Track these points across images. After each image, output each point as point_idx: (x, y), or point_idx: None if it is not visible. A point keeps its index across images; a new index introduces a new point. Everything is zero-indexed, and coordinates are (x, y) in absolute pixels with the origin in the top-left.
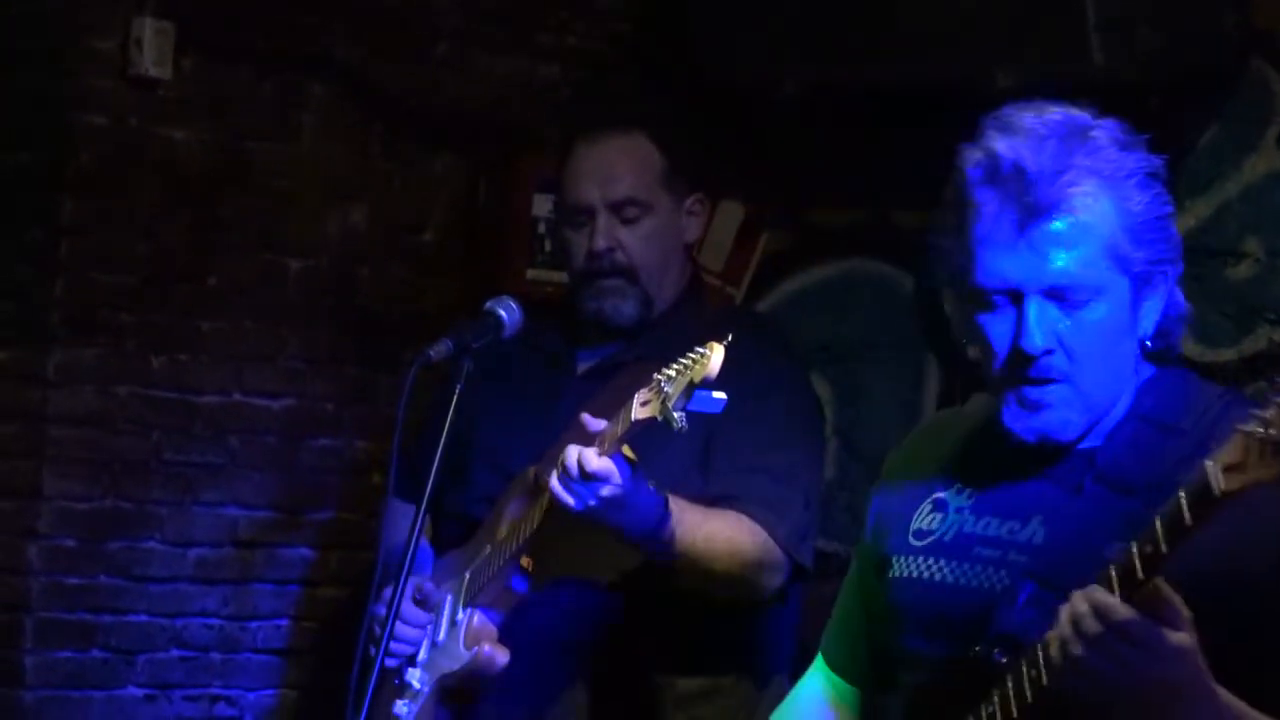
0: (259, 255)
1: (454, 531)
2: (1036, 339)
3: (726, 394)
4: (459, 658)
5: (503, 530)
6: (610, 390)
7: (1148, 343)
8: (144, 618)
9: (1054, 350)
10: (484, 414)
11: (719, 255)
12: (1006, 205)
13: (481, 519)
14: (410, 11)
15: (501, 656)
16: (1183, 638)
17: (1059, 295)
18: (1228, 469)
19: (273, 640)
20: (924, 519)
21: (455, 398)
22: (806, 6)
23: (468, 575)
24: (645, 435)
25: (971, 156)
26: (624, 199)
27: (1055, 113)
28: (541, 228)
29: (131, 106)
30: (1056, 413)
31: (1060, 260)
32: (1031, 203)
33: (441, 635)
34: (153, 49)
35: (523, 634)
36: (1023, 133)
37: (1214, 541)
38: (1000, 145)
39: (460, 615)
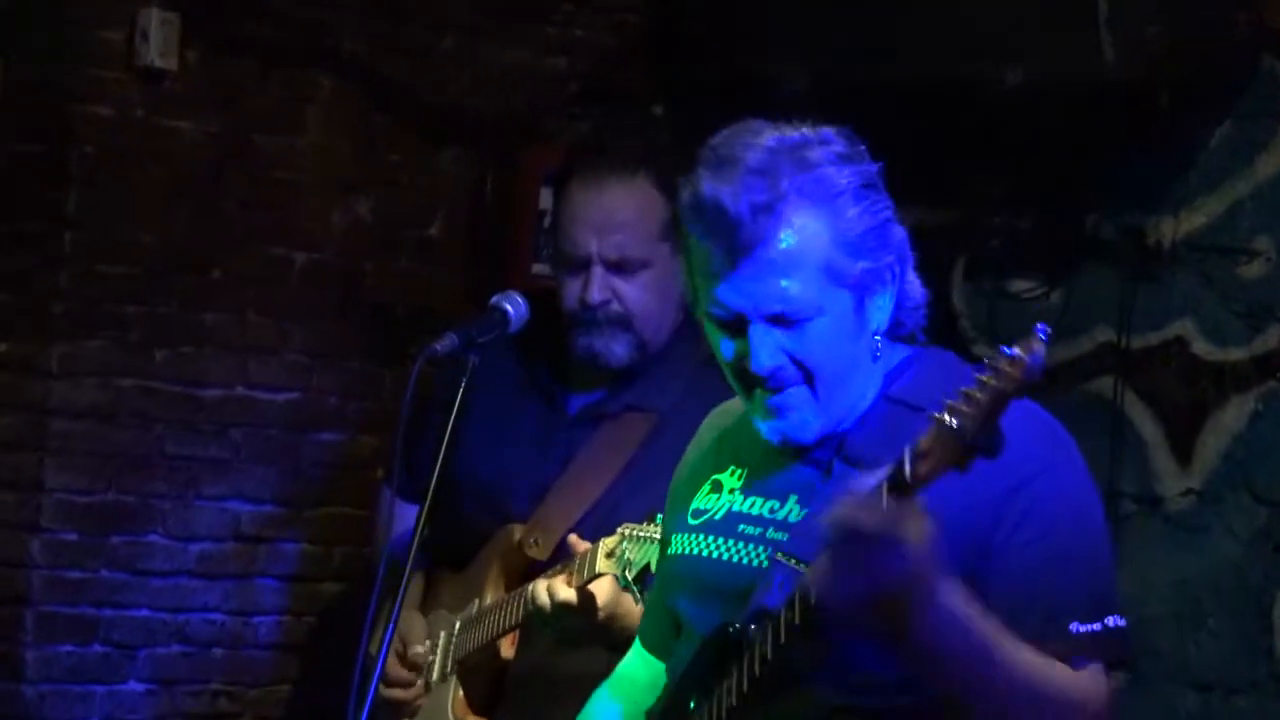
0: (264, 248)
1: (448, 554)
2: (762, 360)
3: None
4: None
5: (489, 594)
6: (597, 443)
7: (878, 338)
8: (145, 612)
9: (782, 365)
10: (476, 446)
11: None
12: (716, 243)
13: (473, 549)
14: (417, 4)
15: None
16: (919, 535)
17: (779, 319)
18: (920, 456)
19: (275, 636)
20: (702, 499)
21: (460, 393)
22: (813, 1)
23: (457, 625)
24: (639, 475)
25: (683, 192)
26: (621, 257)
27: (768, 138)
28: (548, 222)
29: (137, 98)
30: (795, 415)
31: (775, 289)
32: (737, 242)
33: (434, 677)
34: (159, 40)
35: (509, 701)
36: (728, 168)
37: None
38: (704, 185)
39: (449, 671)
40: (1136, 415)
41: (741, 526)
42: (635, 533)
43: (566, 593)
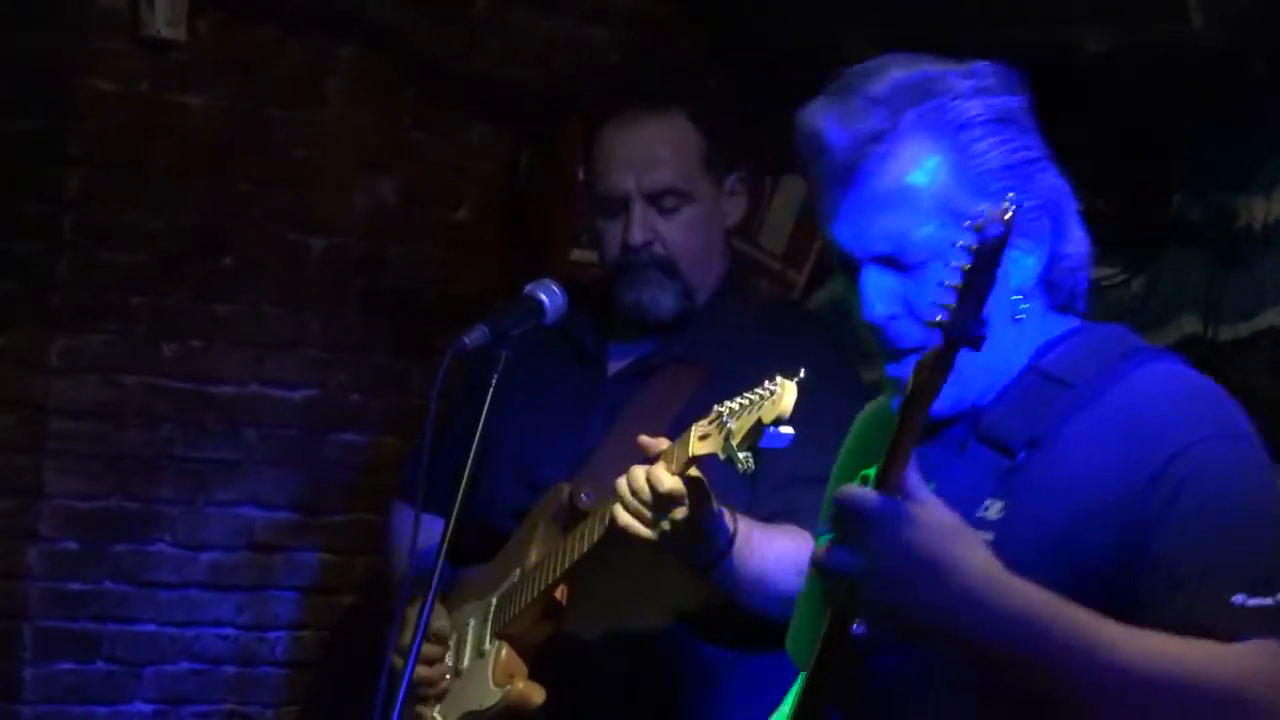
0: (280, 233)
1: (475, 543)
2: (875, 308)
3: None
4: (488, 695)
5: (533, 555)
6: (645, 397)
7: (1019, 298)
8: (152, 627)
9: (897, 317)
10: (509, 415)
11: (780, 236)
12: (823, 176)
13: (506, 532)
14: None
15: (536, 695)
16: (923, 510)
17: (890, 261)
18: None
19: (292, 652)
20: None
21: (491, 390)
22: None
23: (495, 601)
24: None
25: (799, 121)
26: (662, 189)
27: (899, 72)
28: (582, 174)
29: (142, 70)
30: None
31: (883, 226)
32: (839, 174)
33: (465, 662)
34: (166, 8)
35: (557, 675)
36: (843, 95)
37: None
38: (814, 115)
39: (488, 645)
40: None
41: None
42: (730, 405)
43: (670, 481)
